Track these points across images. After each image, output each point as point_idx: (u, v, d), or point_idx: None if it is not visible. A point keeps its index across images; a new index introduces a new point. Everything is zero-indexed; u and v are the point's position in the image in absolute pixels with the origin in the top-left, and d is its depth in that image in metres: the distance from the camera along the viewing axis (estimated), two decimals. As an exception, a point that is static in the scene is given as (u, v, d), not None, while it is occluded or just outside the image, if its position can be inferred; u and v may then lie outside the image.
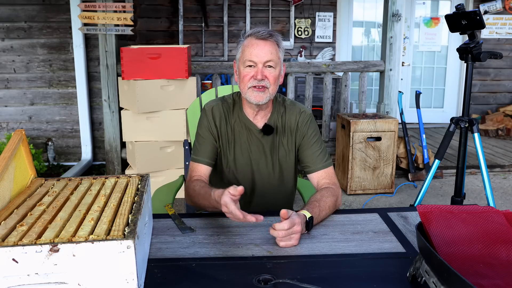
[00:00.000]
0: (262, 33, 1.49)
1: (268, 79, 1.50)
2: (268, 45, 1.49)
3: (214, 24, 5.55)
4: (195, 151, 1.63)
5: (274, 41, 1.50)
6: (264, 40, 1.48)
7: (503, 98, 6.09)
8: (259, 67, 1.49)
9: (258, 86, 1.50)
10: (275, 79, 1.52)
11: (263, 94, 1.51)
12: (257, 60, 1.48)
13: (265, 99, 1.52)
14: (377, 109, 4.23)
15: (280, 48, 1.53)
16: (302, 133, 1.62)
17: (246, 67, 1.51)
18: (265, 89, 1.51)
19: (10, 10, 4.14)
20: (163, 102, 3.52)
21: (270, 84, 1.51)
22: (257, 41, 1.48)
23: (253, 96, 1.51)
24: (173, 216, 1.43)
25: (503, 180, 4.15)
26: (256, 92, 1.51)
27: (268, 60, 1.49)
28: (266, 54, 1.48)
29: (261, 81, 1.49)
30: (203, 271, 1.09)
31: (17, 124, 4.31)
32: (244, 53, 1.51)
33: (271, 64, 1.50)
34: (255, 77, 1.49)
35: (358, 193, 3.80)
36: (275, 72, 1.52)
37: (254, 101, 1.52)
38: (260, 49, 1.48)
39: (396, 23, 4.01)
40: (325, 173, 1.59)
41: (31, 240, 0.90)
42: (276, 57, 1.51)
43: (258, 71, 1.49)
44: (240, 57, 1.54)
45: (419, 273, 0.99)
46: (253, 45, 1.49)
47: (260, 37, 1.48)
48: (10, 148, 1.19)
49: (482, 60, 2.36)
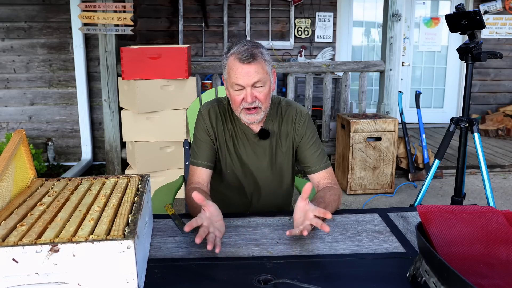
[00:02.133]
0: (246, 56, 1.42)
1: (259, 99, 1.47)
2: (253, 67, 1.43)
3: (214, 24, 5.55)
4: (193, 154, 1.61)
5: (257, 60, 1.44)
6: (248, 64, 1.43)
7: (503, 98, 6.09)
8: (248, 90, 1.45)
9: (250, 108, 1.48)
10: (266, 97, 1.48)
11: (256, 115, 1.50)
12: (244, 84, 1.45)
13: (259, 118, 1.51)
14: (377, 109, 4.23)
15: (266, 61, 1.47)
16: (300, 134, 1.61)
17: (235, 90, 1.48)
18: (258, 109, 1.49)
19: (10, 10, 4.14)
20: (163, 102, 3.52)
21: (262, 103, 1.48)
22: (241, 65, 1.43)
23: (246, 118, 1.50)
24: (173, 216, 1.43)
25: (503, 180, 4.15)
26: (249, 115, 1.49)
27: (256, 81, 1.45)
28: (253, 76, 1.44)
29: (252, 103, 1.47)
30: (203, 271, 1.09)
31: (17, 124, 4.31)
32: (230, 76, 1.47)
33: (259, 84, 1.46)
34: (246, 100, 1.47)
35: (358, 193, 3.80)
36: (265, 90, 1.48)
37: (248, 121, 1.51)
38: (245, 72, 1.43)
39: (396, 23, 4.01)
40: (326, 173, 1.58)
41: (31, 240, 0.90)
42: (263, 74, 1.46)
43: (248, 95, 1.45)
44: (227, 78, 1.50)
45: (419, 273, 0.99)
46: (238, 69, 1.44)
47: (244, 61, 1.43)
48: (10, 148, 1.19)
49: (482, 60, 2.36)
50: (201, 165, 1.58)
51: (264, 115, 1.53)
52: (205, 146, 1.59)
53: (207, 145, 1.59)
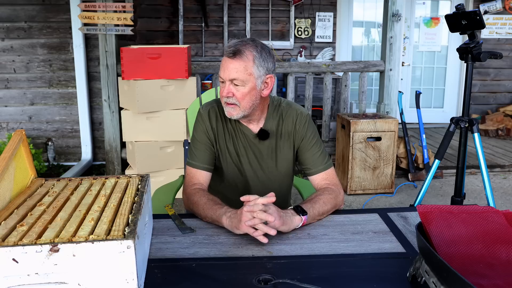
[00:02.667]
0: (229, 51, 1.44)
1: (235, 96, 1.47)
2: (234, 63, 1.43)
3: (214, 24, 5.55)
4: (191, 155, 1.60)
5: (241, 58, 1.43)
6: (230, 58, 1.44)
7: (503, 98, 6.09)
8: (226, 84, 1.47)
9: (228, 103, 1.49)
10: (243, 97, 1.47)
11: (233, 110, 1.49)
12: (224, 77, 1.47)
13: (237, 115, 1.50)
14: (377, 109, 4.23)
15: (255, 64, 1.44)
16: (300, 135, 1.61)
17: (220, 82, 1.51)
18: (235, 106, 1.49)
19: (10, 10, 4.14)
20: (163, 102, 3.52)
21: (238, 101, 1.47)
22: (226, 58, 1.46)
23: (226, 111, 1.51)
24: (173, 216, 1.43)
25: (503, 180, 4.15)
26: (227, 107, 1.50)
27: (233, 78, 1.45)
28: (231, 72, 1.44)
29: (228, 98, 1.47)
30: (203, 271, 1.09)
31: (17, 124, 4.31)
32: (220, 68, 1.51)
33: (237, 83, 1.46)
34: (221, 93, 1.49)
35: (358, 193, 3.80)
36: (244, 90, 1.46)
37: (227, 115, 1.52)
38: (226, 67, 1.45)
39: (396, 23, 4.01)
40: (326, 175, 1.58)
41: (31, 240, 0.90)
42: (244, 74, 1.44)
43: (224, 88, 1.48)
44: None
45: (419, 273, 0.99)
46: (223, 62, 1.47)
47: (227, 54, 1.45)
48: (10, 148, 1.19)
49: (482, 60, 2.36)
50: (200, 168, 1.57)
51: (244, 114, 1.51)
52: (204, 148, 1.59)
53: (206, 147, 1.59)
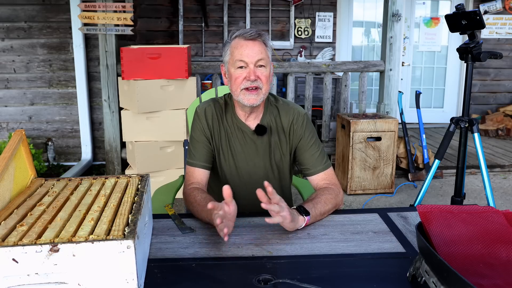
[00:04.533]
0: (251, 33, 1.46)
1: (261, 79, 1.48)
2: (257, 45, 1.47)
3: (214, 24, 5.55)
4: (190, 155, 1.60)
5: (262, 40, 1.48)
6: (253, 41, 1.46)
7: (503, 98, 6.09)
8: (251, 67, 1.47)
9: (251, 88, 1.47)
10: (267, 79, 1.50)
11: (256, 96, 1.49)
12: (248, 60, 1.46)
13: (259, 101, 1.51)
14: (377, 109, 4.23)
15: (268, 47, 1.51)
16: (298, 135, 1.60)
17: (237, 68, 1.48)
18: (258, 90, 1.49)
19: (10, 10, 4.14)
20: (163, 102, 3.52)
21: (263, 84, 1.49)
22: (246, 41, 1.46)
23: (246, 99, 1.49)
24: (173, 216, 1.43)
25: (503, 180, 4.15)
26: (249, 94, 1.48)
27: (260, 59, 1.46)
28: (257, 54, 1.46)
29: (254, 81, 1.47)
30: (203, 271, 1.09)
31: (17, 124, 4.31)
32: (234, 54, 1.48)
33: (263, 63, 1.48)
34: (248, 77, 1.47)
35: (358, 193, 3.80)
36: (267, 72, 1.50)
37: (247, 103, 1.50)
38: (250, 49, 1.46)
39: (396, 23, 4.01)
40: (325, 175, 1.58)
41: (31, 240, 0.90)
42: (266, 56, 1.49)
43: (251, 72, 1.46)
44: (229, 59, 1.51)
45: (419, 273, 0.99)
46: (242, 46, 1.46)
47: (249, 37, 1.46)
48: (10, 148, 1.19)
49: (482, 60, 2.36)
50: (198, 166, 1.58)
51: (262, 100, 1.52)
52: (202, 147, 1.59)
53: (203, 145, 1.59)
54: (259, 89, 1.49)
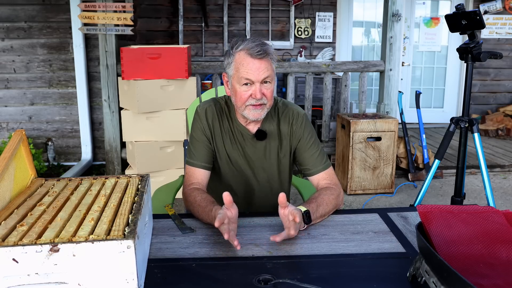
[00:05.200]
0: (258, 51, 1.42)
1: (266, 96, 1.48)
2: (264, 63, 1.44)
3: (214, 24, 5.55)
4: (190, 154, 1.60)
5: (268, 57, 1.45)
6: (259, 59, 1.43)
7: (503, 98, 6.09)
8: (257, 85, 1.45)
9: (257, 105, 1.48)
10: (272, 94, 1.50)
11: (261, 111, 1.50)
12: (254, 79, 1.44)
13: (263, 115, 1.52)
14: (377, 109, 4.23)
15: (274, 61, 1.49)
16: (297, 135, 1.61)
17: (242, 85, 1.46)
18: (263, 105, 1.49)
19: (10, 10, 4.14)
20: (163, 102, 3.52)
21: (268, 100, 1.49)
22: (253, 60, 1.42)
23: (251, 114, 1.49)
24: (173, 216, 1.43)
25: (503, 180, 4.15)
26: (254, 110, 1.48)
27: (266, 77, 1.45)
28: (264, 72, 1.44)
29: (259, 99, 1.47)
30: (203, 271, 1.09)
31: (17, 124, 4.31)
32: (239, 71, 1.45)
33: (268, 80, 1.47)
34: (254, 96, 1.46)
35: (358, 193, 3.80)
36: (272, 87, 1.49)
37: (253, 118, 1.50)
38: (257, 67, 1.43)
39: (396, 23, 4.01)
40: (326, 175, 1.58)
41: (31, 240, 0.90)
42: (272, 71, 1.47)
43: (257, 90, 1.45)
44: (233, 74, 1.48)
45: (419, 273, 0.99)
46: (249, 64, 1.43)
47: (257, 55, 1.42)
48: (10, 148, 1.19)
49: (482, 60, 2.36)
50: (199, 166, 1.57)
51: (266, 112, 1.53)
52: (202, 147, 1.59)
53: (204, 145, 1.59)
54: (263, 105, 1.49)
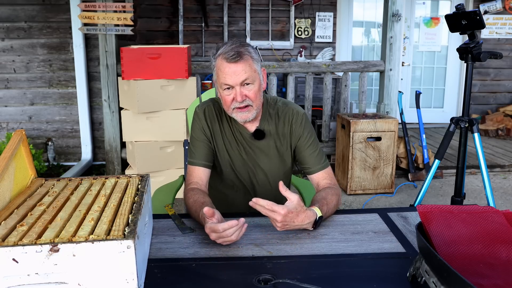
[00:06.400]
0: (232, 55, 1.42)
1: (249, 97, 1.48)
2: (240, 66, 1.44)
3: (214, 24, 5.55)
4: (190, 154, 1.61)
5: (243, 59, 1.44)
6: (235, 63, 1.44)
7: (503, 98, 6.09)
8: (237, 89, 1.46)
9: (241, 107, 1.49)
10: (255, 95, 1.49)
11: (248, 112, 1.50)
12: (232, 83, 1.45)
13: (251, 116, 1.52)
14: (377, 109, 4.23)
15: (254, 60, 1.47)
16: (297, 134, 1.61)
17: (224, 90, 1.48)
18: (249, 107, 1.50)
19: (10, 10, 4.14)
20: (163, 102, 3.52)
21: (252, 100, 1.49)
22: (228, 64, 1.43)
23: (238, 116, 1.51)
24: (173, 216, 1.43)
25: (503, 180, 4.15)
26: (241, 112, 1.50)
27: (244, 79, 1.45)
28: (240, 75, 1.44)
29: (242, 102, 1.47)
30: (203, 271, 1.09)
31: (17, 124, 4.31)
32: (219, 76, 1.47)
33: (248, 81, 1.46)
34: (236, 99, 1.47)
35: (358, 193, 3.80)
36: (255, 88, 1.48)
37: (241, 120, 1.52)
38: (233, 72, 1.44)
39: (396, 23, 4.01)
40: (326, 174, 1.59)
41: (31, 240, 0.90)
42: (251, 72, 1.46)
43: (237, 94, 1.46)
44: (216, 79, 1.51)
45: (419, 273, 0.99)
46: (225, 68, 1.44)
47: (231, 60, 1.43)
48: (10, 148, 1.19)
49: (482, 60, 2.36)
50: (199, 165, 1.58)
51: (256, 113, 1.53)
52: (202, 146, 1.59)
53: (204, 144, 1.59)
54: (249, 106, 1.49)
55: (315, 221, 1.31)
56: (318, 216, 1.31)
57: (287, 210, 1.24)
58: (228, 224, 1.17)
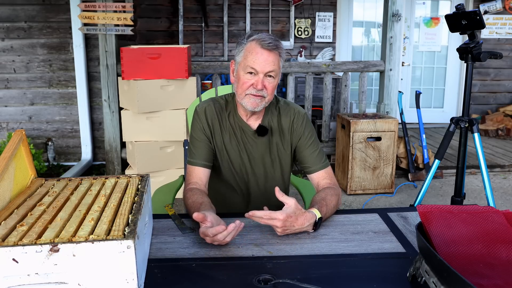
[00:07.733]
0: (269, 42, 1.45)
1: (267, 89, 1.49)
2: (272, 56, 1.46)
3: (214, 24, 5.55)
4: (190, 154, 1.61)
5: (278, 52, 1.47)
6: (269, 51, 1.45)
7: (503, 98, 6.09)
8: (260, 76, 1.46)
9: (256, 95, 1.49)
10: (273, 89, 1.51)
11: (260, 101, 1.50)
12: (259, 70, 1.46)
13: (261, 107, 1.52)
14: (377, 109, 4.23)
15: (282, 59, 1.51)
16: (298, 134, 1.62)
17: (246, 73, 1.48)
18: (262, 98, 1.50)
19: (10, 10, 4.14)
20: (163, 102, 3.52)
21: (268, 94, 1.50)
22: (262, 50, 1.45)
23: (249, 102, 1.50)
24: (173, 216, 1.43)
25: (503, 180, 4.15)
26: (253, 98, 1.49)
27: (271, 70, 1.47)
28: (270, 65, 1.46)
29: (260, 90, 1.48)
30: (203, 271, 1.09)
31: (17, 124, 4.31)
32: (247, 58, 1.47)
33: (272, 75, 1.48)
34: (255, 86, 1.47)
35: (358, 193, 3.80)
36: (274, 82, 1.50)
37: (250, 107, 1.51)
38: (264, 59, 1.45)
39: (396, 23, 4.01)
40: (326, 173, 1.59)
41: (31, 240, 0.90)
42: (278, 68, 1.49)
43: (259, 81, 1.46)
44: (241, 61, 1.50)
45: (419, 273, 0.99)
46: (258, 53, 1.45)
47: (267, 47, 1.44)
48: (10, 148, 1.19)
49: (482, 60, 2.36)
50: (199, 165, 1.58)
51: (263, 107, 1.54)
52: (202, 145, 1.59)
53: (204, 144, 1.59)
54: (263, 97, 1.50)
55: (315, 222, 1.31)
56: (317, 217, 1.32)
57: (286, 215, 1.24)
58: (215, 230, 1.17)
